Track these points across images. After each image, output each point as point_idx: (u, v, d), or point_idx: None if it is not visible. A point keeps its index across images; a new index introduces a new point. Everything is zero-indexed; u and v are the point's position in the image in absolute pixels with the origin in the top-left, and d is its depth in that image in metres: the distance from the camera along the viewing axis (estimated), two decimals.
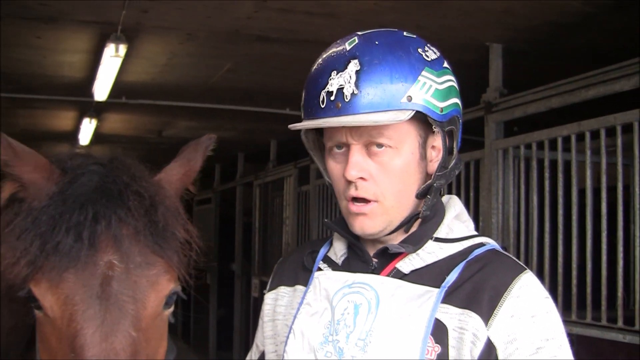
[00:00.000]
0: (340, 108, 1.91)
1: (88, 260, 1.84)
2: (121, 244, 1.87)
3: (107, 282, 1.84)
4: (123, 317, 1.82)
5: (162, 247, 1.93)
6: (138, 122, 12.17)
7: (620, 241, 5.01)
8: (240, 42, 7.36)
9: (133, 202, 1.92)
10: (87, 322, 1.80)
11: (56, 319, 1.84)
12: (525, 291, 1.91)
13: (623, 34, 6.64)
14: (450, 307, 1.92)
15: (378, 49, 1.95)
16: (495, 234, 6.19)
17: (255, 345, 2.35)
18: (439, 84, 1.97)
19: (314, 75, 2.00)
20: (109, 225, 1.87)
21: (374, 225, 2.00)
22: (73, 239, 1.84)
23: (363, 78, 1.91)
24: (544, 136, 5.76)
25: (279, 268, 2.33)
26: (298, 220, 10.70)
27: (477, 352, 1.87)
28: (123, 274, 1.86)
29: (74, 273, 1.83)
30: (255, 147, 13.72)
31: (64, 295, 1.82)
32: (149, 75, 8.91)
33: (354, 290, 2.02)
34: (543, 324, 1.89)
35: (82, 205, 1.88)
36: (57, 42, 7.48)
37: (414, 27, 6.22)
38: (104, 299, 1.82)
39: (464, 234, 2.08)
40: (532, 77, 6.89)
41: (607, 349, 4.92)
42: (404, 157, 1.97)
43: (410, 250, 2.02)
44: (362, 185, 1.96)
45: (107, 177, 1.97)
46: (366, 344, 1.93)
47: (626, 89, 5.10)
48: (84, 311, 1.80)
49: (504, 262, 2.00)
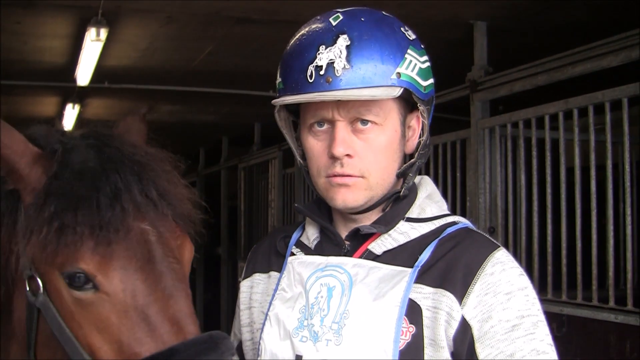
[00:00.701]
0: (331, 83, 1.87)
1: (131, 229, 1.82)
2: (147, 210, 1.86)
3: (152, 248, 1.83)
4: (178, 279, 1.84)
5: (176, 208, 1.93)
6: (121, 106, 12.08)
7: (610, 220, 4.98)
8: (221, 24, 7.30)
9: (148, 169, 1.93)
10: (152, 288, 1.79)
11: (117, 293, 1.78)
12: (499, 268, 1.89)
13: (608, 10, 6.60)
14: (424, 286, 1.90)
15: (366, 25, 1.93)
16: (483, 214, 6.16)
17: (232, 334, 2.32)
18: (421, 63, 1.97)
19: (297, 49, 1.96)
20: (136, 193, 1.86)
21: (355, 198, 1.97)
22: (112, 209, 1.80)
23: (354, 53, 1.88)
24: (530, 114, 5.72)
25: (252, 255, 2.31)
26: (284, 203, 10.68)
27: (452, 331, 1.85)
28: (160, 239, 1.86)
29: (121, 243, 1.80)
30: (239, 130, 13.67)
31: (119, 267, 1.78)
32: (130, 60, 8.84)
33: (327, 274, 2.00)
34: (518, 300, 1.86)
35: (105, 177, 1.85)
36: (37, 27, 7.39)
37: (396, 5, 6.15)
38: (156, 263, 1.82)
39: (436, 214, 2.06)
40: (517, 54, 6.85)
41: (599, 329, 4.90)
42: (388, 134, 1.96)
43: (382, 231, 1.99)
44: (348, 162, 1.94)
45: (106, 147, 1.94)
46: (340, 326, 1.91)
47: (614, 64, 5.07)
48: (144, 279, 1.79)
49: (477, 239, 1.98)
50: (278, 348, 1.99)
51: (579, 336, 4.99)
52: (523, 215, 5.85)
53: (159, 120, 13.37)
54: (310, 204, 2.16)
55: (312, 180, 2.04)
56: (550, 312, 5.21)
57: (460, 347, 1.85)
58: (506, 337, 1.83)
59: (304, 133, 2.03)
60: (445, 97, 6.86)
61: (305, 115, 2.01)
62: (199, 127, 14.07)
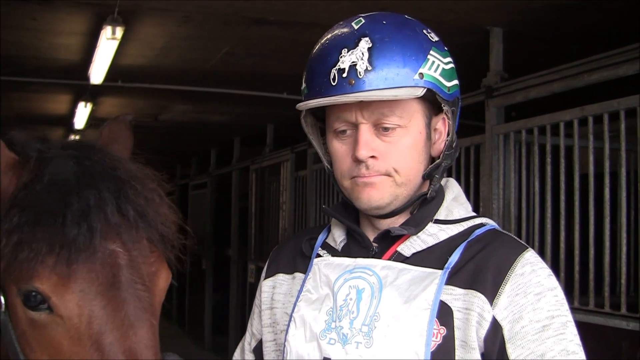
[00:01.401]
0: (353, 85, 1.89)
1: (97, 250, 1.70)
2: (120, 231, 1.76)
3: (119, 272, 1.73)
4: (143, 308, 1.73)
5: (156, 232, 1.84)
6: (134, 106, 12.11)
7: (623, 227, 4.97)
8: (238, 25, 7.31)
9: (127, 187, 1.82)
10: (110, 316, 1.68)
11: (72, 318, 1.67)
12: (528, 269, 1.90)
13: (626, 17, 6.58)
14: (455, 288, 1.91)
15: (387, 28, 1.95)
16: (496, 220, 6.13)
17: (250, 334, 2.32)
18: (445, 64, 1.99)
19: (320, 54, 1.98)
20: (110, 211, 1.75)
21: (381, 196, 1.97)
22: (78, 227, 1.69)
23: (376, 55, 1.90)
24: (545, 121, 5.71)
25: (275, 255, 2.31)
26: (295, 206, 10.68)
27: (483, 332, 1.86)
28: (130, 262, 1.76)
29: (84, 264, 1.69)
30: (251, 132, 13.69)
31: (78, 289, 1.67)
32: (145, 59, 8.85)
33: (356, 276, 2.00)
34: (548, 301, 1.87)
35: (77, 191, 1.74)
36: (53, 24, 7.40)
37: (414, 9, 6.15)
38: (120, 289, 1.71)
39: (463, 215, 2.07)
40: (533, 61, 6.85)
41: (611, 336, 4.89)
42: (412, 135, 1.97)
43: (412, 232, 2.00)
44: (372, 163, 1.95)
45: (86, 160, 1.84)
46: (371, 329, 1.91)
47: (630, 73, 5.06)
48: (104, 305, 1.68)
49: (506, 240, 1.99)
50: (304, 350, 1.99)
51: (592, 343, 4.96)
52: (536, 221, 5.83)
53: (173, 120, 13.40)
54: (337, 205, 2.17)
55: (338, 183, 2.05)
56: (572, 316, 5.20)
57: (490, 347, 1.86)
58: (537, 338, 1.84)
59: (329, 137, 2.04)
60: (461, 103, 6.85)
61: (330, 119, 2.03)
62: (212, 128, 14.09)
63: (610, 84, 5.35)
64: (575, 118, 5.41)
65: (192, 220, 17.37)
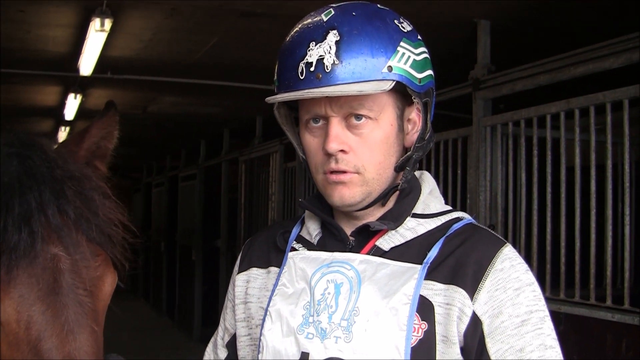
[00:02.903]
0: (320, 79, 1.87)
1: (38, 255, 1.66)
2: (63, 234, 1.71)
3: (60, 277, 1.68)
4: (84, 313, 1.69)
5: (100, 233, 1.78)
6: (123, 97, 12.09)
7: (609, 219, 5.00)
8: (225, 17, 7.31)
9: (67, 187, 1.76)
10: (49, 322, 1.64)
11: (10, 323, 1.64)
12: (507, 264, 1.91)
13: (610, 11, 6.62)
14: (435, 283, 1.91)
15: (356, 20, 1.92)
16: (483, 212, 6.18)
17: (223, 328, 2.30)
18: (416, 55, 1.95)
19: (289, 47, 1.96)
20: (51, 214, 1.70)
21: (353, 195, 1.96)
22: (19, 232, 1.65)
23: (344, 48, 1.87)
24: (532, 113, 5.74)
25: (248, 249, 2.30)
26: (284, 197, 10.69)
27: (464, 327, 1.86)
28: (73, 267, 1.71)
29: (24, 269, 1.65)
30: (240, 123, 13.69)
31: (17, 295, 1.64)
32: (134, 51, 8.85)
33: (333, 270, 1.99)
34: (527, 296, 1.89)
35: (20, 194, 1.69)
36: (41, 16, 7.40)
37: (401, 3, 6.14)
38: (61, 295, 1.67)
39: (440, 209, 2.07)
40: (520, 54, 6.87)
41: (596, 327, 4.92)
42: (383, 128, 1.95)
43: (391, 227, 1.99)
44: (342, 157, 1.94)
45: (28, 160, 1.77)
46: (350, 324, 1.90)
47: (615, 66, 5.09)
48: (44, 311, 1.64)
49: (485, 235, 1.99)
50: (281, 345, 1.98)
51: (576, 334, 5.02)
52: (523, 213, 5.87)
53: (162, 112, 13.39)
54: (311, 198, 2.15)
55: (312, 176, 2.05)
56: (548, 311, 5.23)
57: (470, 342, 1.87)
58: (516, 332, 1.85)
59: (301, 130, 2.03)
60: (448, 95, 6.89)
61: (301, 111, 2.02)
62: (201, 119, 14.08)
63: (596, 76, 5.38)
64: (561, 110, 5.44)
65: (182, 211, 17.38)
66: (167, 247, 19.14)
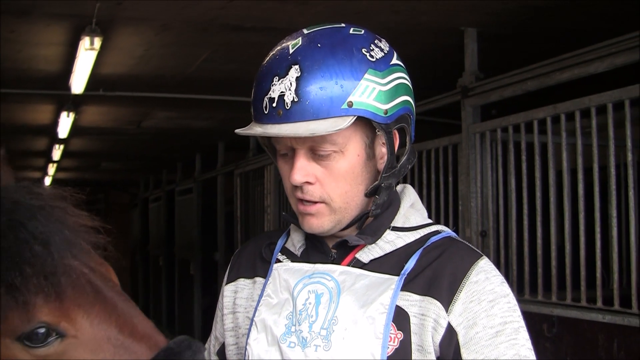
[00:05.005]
0: (281, 116, 1.88)
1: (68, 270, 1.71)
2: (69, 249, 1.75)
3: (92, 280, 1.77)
4: (128, 300, 1.81)
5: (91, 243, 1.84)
6: (117, 114, 12.13)
7: (597, 222, 5.06)
8: (216, 31, 7.35)
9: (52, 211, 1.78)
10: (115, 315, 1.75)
11: (86, 330, 1.71)
12: (482, 277, 1.95)
13: (594, 17, 6.68)
14: (411, 294, 1.95)
15: (320, 52, 1.90)
16: (475, 218, 6.23)
17: (214, 338, 2.36)
18: (383, 85, 1.92)
19: (259, 78, 1.97)
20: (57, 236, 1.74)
21: (321, 224, 2.00)
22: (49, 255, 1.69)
23: (303, 85, 1.87)
24: (520, 119, 5.79)
25: (236, 260, 2.33)
26: (279, 209, 10.71)
27: (439, 337, 1.90)
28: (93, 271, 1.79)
29: (67, 284, 1.70)
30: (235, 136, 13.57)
31: (76, 305, 1.71)
32: (125, 67, 8.88)
33: (315, 281, 2.03)
34: (501, 307, 1.92)
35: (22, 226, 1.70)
36: (32, 35, 7.43)
37: (388, 12, 6.22)
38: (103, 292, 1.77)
39: (420, 222, 2.10)
40: (507, 60, 6.92)
41: (588, 329, 4.97)
42: (349, 159, 1.96)
43: (369, 242, 2.03)
44: (307, 189, 1.97)
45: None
46: (329, 332, 1.95)
47: (600, 70, 5.15)
48: (104, 309, 1.74)
49: (461, 248, 2.03)
50: (266, 354, 2.02)
51: (569, 336, 5.06)
52: (514, 217, 5.91)
53: (156, 127, 13.42)
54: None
55: (288, 198, 2.08)
56: (541, 314, 5.29)
57: (446, 352, 1.91)
58: (490, 343, 1.89)
59: (276, 155, 2.07)
60: (437, 103, 6.95)
61: (273, 140, 2.05)
62: (196, 133, 14.10)
63: (582, 81, 5.43)
64: (548, 116, 5.49)
65: (179, 225, 17.39)
66: (166, 261, 19.15)
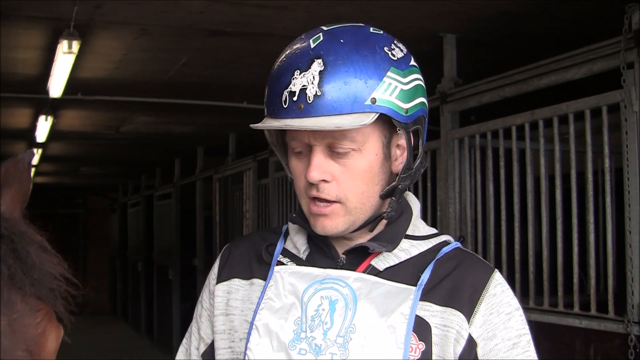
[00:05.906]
0: (302, 110, 1.84)
1: None
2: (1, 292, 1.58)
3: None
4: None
5: (40, 286, 1.63)
6: (95, 118, 12.08)
7: (575, 227, 5.08)
8: (195, 36, 7.35)
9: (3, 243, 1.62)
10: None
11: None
12: (499, 290, 1.97)
13: (571, 24, 6.72)
14: (432, 304, 1.93)
15: (343, 48, 1.88)
16: (453, 223, 6.24)
17: (198, 337, 2.27)
18: (404, 84, 1.90)
19: (277, 73, 1.93)
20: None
21: (335, 225, 1.96)
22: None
23: (327, 79, 1.84)
24: (498, 125, 5.81)
25: (228, 258, 2.24)
26: (258, 214, 10.72)
27: (460, 349, 1.90)
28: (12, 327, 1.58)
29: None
30: (214, 141, 13.69)
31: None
32: (104, 71, 8.85)
33: (327, 286, 1.98)
34: (516, 320, 1.95)
35: None
36: (10, 38, 7.39)
37: (367, 18, 6.23)
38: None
39: (428, 232, 2.09)
40: (486, 66, 6.95)
41: (565, 334, 4.99)
42: (367, 158, 1.93)
43: (389, 249, 2.00)
44: (324, 187, 1.93)
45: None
46: (347, 340, 1.90)
47: (577, 77, 5.16)
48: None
49: (476, 260, 2.04)
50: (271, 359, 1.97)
51: (547, 341, 5.08)
52: (492, 223, 5.93)
53: (135, 132, 13.38)
54: (300, 213, 2.10)
55: (298, 198, 2.04)
56: None
57: None
58: (508, 355, 1.91)
59: (289, 153, 2.02)
60: None
61: (287, 137, 2.00)
62: (175, 138, 14.08)
63: (560, 88, 5.46)
64: (526, 122, 5.51)
65: (158, 230, 17.35)
66: (145, 267, 19.09)
